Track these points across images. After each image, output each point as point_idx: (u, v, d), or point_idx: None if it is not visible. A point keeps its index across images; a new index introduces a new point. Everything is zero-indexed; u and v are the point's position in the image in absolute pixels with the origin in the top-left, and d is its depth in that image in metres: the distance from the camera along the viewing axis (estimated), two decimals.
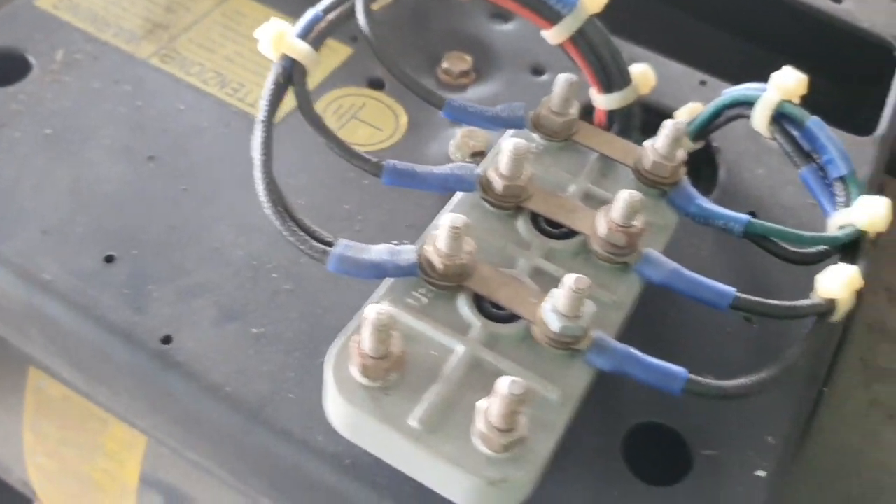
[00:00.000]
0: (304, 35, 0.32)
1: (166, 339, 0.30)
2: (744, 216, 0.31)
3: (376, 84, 0.40)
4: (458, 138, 0.37)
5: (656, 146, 0.32)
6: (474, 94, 0.41)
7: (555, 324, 0.26)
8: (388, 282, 0.28)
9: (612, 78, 0.36)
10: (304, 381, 0.30)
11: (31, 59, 0.38)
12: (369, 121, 0.38)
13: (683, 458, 0.30)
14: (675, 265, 0.29)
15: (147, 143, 0.36)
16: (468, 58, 0.41)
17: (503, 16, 0.44)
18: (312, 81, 0.39)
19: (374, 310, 0.25)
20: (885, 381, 0.36)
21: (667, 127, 0.31)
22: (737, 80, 0.36)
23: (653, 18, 0.49)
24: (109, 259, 0.32)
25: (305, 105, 0.31)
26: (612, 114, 0.37)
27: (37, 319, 0.32)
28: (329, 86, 0.39)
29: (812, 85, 0.34)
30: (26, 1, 0.41)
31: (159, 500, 0.42)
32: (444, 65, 0.41)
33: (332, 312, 0.32)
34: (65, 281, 0.31)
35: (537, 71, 0.42)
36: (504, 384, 0.24)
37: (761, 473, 0.30)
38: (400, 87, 0.39)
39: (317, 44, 0.32)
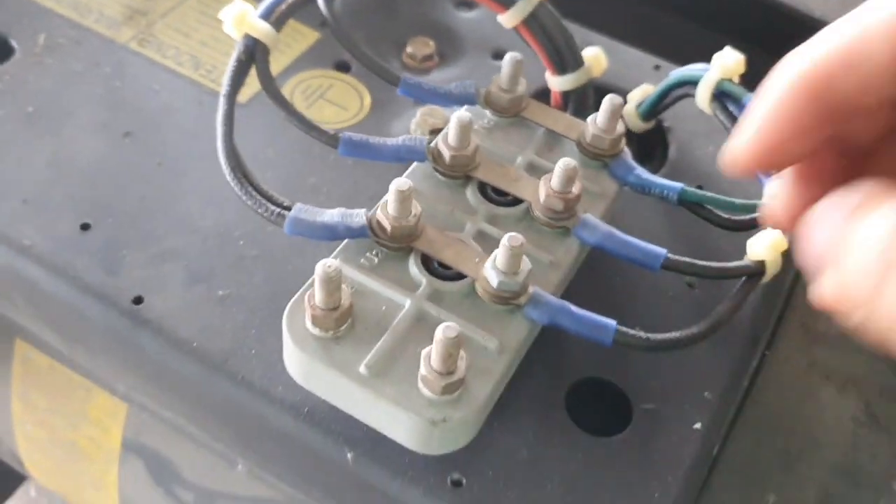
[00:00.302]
0: (266, 16, 0.34)
1: (137, 300, 0.32)
2: (678, 185, 0.33)
3: (343, 67, 0.42)
4: (419, 116, 0.39)
5: (597, 121, 0.34)
6: (438, 78, 0.43)
7: (494, 279, 0.28)
8: (343, 244, 0.30)
9: (566, 60, 0.38)
10: (266, 339, 0.32)
11: (14, 43, 0.40)
12: (335, 101, 0.40)
13: (624, 411, 0.32)
14: (609, 228, 0.31)
15: (123, 120, 0.38)
16: (431, 43, 0.43)
17: (468, 3, 0.46)
18: (282, 63, 0.41)
19: (323, 264, 0.27)
20: (823, 345, 0.37)
21: (605, 102, 0.33)
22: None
23: (614, 5, 0.51)
24: (85, 226, 0.34)
25: (266, 81, 0.34)
26: (566, 95, 0.38)
27: (19, 283, 0.34)
28: (298, 68, 0.41)
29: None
30: None
31: (141, 465, 0.44)
32: (409, 49, 0.43)
33: (295, 277, 0.33)
34: (43, 246, 0.33)
35: (499, 55, 0.44)
36: (440, 329, 0.26)
37: (697, 426, 0.32)
38: (365, 69, 0.42)
39: (278, 24, 0.34)
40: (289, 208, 0.30)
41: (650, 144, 0.42)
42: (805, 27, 0.49)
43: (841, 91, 0.21)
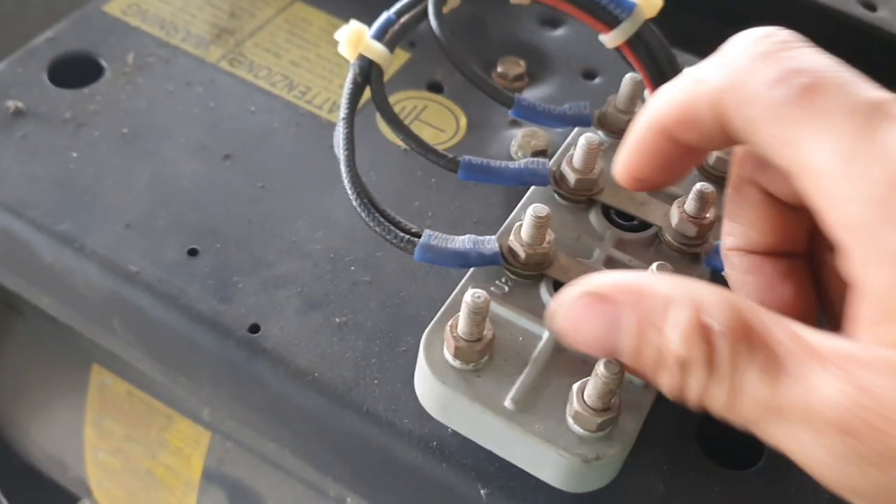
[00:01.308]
0: (379, 37, 0.33)
1: (254, 328, 0.31)
2: None
3: (435, 87, 0.41)
4: (520, 138, 0.38)
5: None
6: (528, 98, 0.42)
7: None
8: (470, 272, 0.29)
9: (668, 80, 0.37)
10: (387, 367, 0.31)
11: (103, 63, 0.40)
12: (432, 122, 0.39)
13: (755, 443, 0.31)
14: None
15: (222, 142, 0.37)
16: (522, 62, 0.43)
17: (553, 22, 0.45)
18: None
19: (472, 294, 0.26)
20: None
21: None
22: None
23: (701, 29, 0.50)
24: (193, 252, 0.33)
25: (383, 103, 0.33)
26: None
27: (121, 310, 0.33)
28: (391, 89, 0.40)
29: None
30: (95, 7, 0.42)
31: (223, 496, 0.43)
32: (500, 69, 0.42)
33: (410, 303, 0.33)
34: (151, 272, 0.32)
35: (589, 75, 0.43)
36: (601, 364, 0.25)
37: None
38: (458, 89, 0.41)
39: (391, 45, 0.33)
40: (417, 234, 0.29)
41: None
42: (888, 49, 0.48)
43: (687, 139, 0.24)
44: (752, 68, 0.22)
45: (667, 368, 0.21)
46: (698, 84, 0.23)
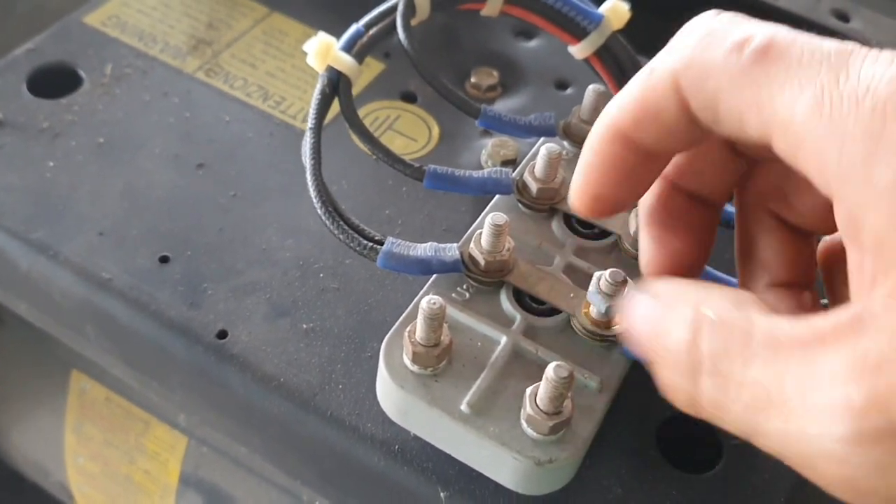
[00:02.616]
0: (347, 48, 0.34)
1: (222, 334, 0.32)
2: None
3: (409, 97, 0.42)
4: (490, 147, 0.39)
5: None
6: (501, 107, 0.42)
7: (601, 305, 0.28)
8: (432, 278, 0.30)
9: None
10: (353, 373, 0.31)
11: (82, 73, 0.40)
12: (404, 131, 0.40)
13: (714, 447, 0.32)
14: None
15: (196, 151, 0.38)
16: (495, 73, 0.43)
17: (527, 33, 0.46)
18: None
19: (427, 300, 0.26)
20: None
21: None
22: None
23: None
24: (164, 259, 0.34)
25: (350, 114, 0.33)
26: None
27: (94, 316, 0.34)
28: (365, 99, 0.41)
29: None
30: (75, 18, 0.43)
31: (200, 500, 0.43)
32: (473, 79, 0.43)
33: (377, 309, 0.33)
34: (123, 279, 0.33)
35: (561, 85, 0.44)
36: (551, 369, 0.25)
37: None
38: (431, 99, 0.42)
39: (359, 57, 0.34)
40: (381, 242, 0.30)
41: None
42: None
43: (647, 139, 0.23)
44: (704, 44, 0.21)
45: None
46: (651, 74, 0.22)
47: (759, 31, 0.20)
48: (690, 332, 0.20)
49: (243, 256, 0.34)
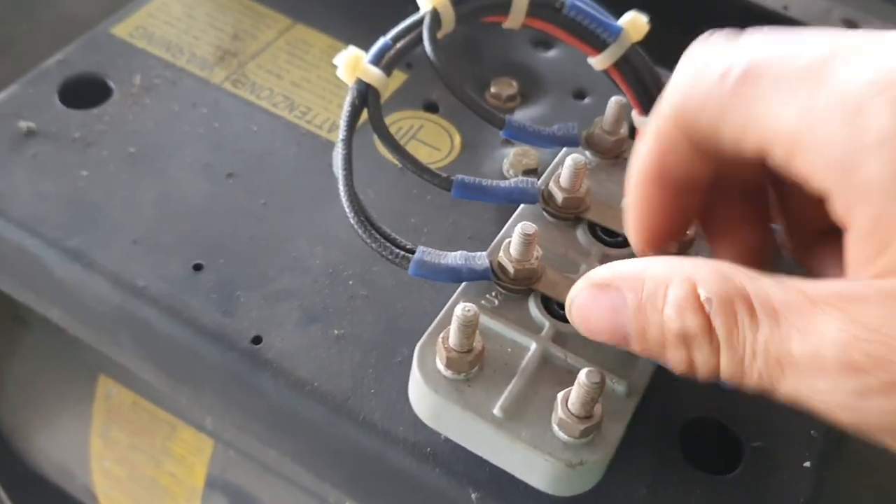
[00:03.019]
0: (376, 61, 0.35)
1: (256, 340, 0.33)
2: None
3: (431, 107, 0.43)
4: (512, 156, 0.40)
5: None
6: (521, 117, 0.43)
7: None
8: (462, 286, 0.31)
9: (654, 101, 0.39)
10: (383, 378, 0.32)
11: (111, 84, 0.41)
12: (427, 141, 0.41)
13: (735, 449, 0.32)
14: None
15: (225, 161, 0.38)
16: (514, 83, 0.44)
17: (545, 44, 0.47)
18: None
19: (462, 308, 0.27)
20: None
21: None
22: None
23: None
24: (198, 267, 0.35)
25: (379, 125, 0.34)
26: None
27: (128, 323, 0.34)
28: (388, 109, 0.42)
29: None
30: (103, 29, 0.44)
31: (224, 503, 0.44)
32: (493, 89, 0.44)
33: (405, 316, 0.34)
34: (157, 286, 0.34)
35: (579, 94, 0.45)
36: (583, 374, 0.26)
37: (807, 465, 0.32)
38: (454, 109, 0.43)
39: (388, 69, 0.35)
40: (412, 251, 0.31)
41: None
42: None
43: (675, 176, 0.25)
44: (693, 81, 0.23)
45: (671, 345, 0.22)
46: (657, 119, 0.25)
47: (740, 57, 0.22)
48: (681, 309, 0.22)
49: (275, 264, 0.35)
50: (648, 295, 0.23)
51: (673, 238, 0.28)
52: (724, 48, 0.23)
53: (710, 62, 0.23)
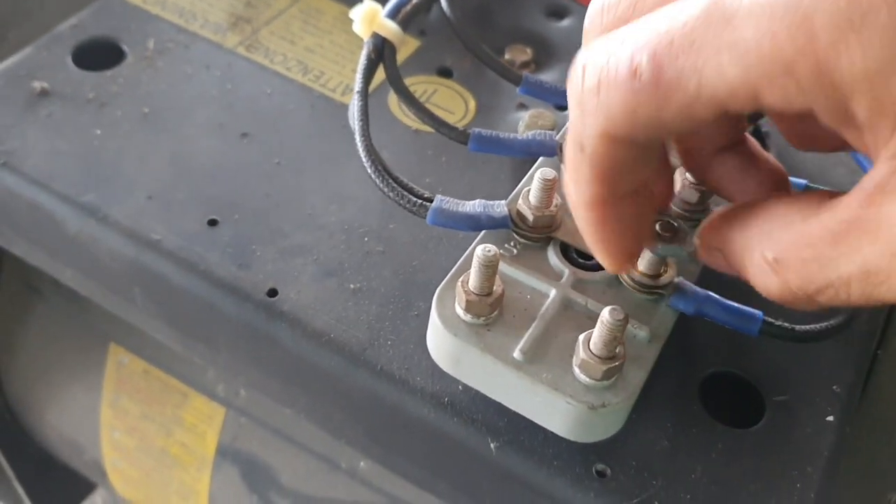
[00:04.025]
0: (392, 16, 0.35)
1: (272, 293, 0.32)
2: None
3: (445, 72, 0.43)
4: (527, 118, 0.40)
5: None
6: None
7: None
8: (480, 235, 0.31)
9: None
10: (400, 330, 0.32)
11: (125, 48, 0.41)
12: (442, 105, 0.41)
13: (756, 404, 0.32)
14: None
15: (239, 121, 0.38)
16: (528, 50, 0.44)
17: (558, 13, 0.47)
18: None
19: (483, 248, 0.27)
20: None
21: None
22: None
23: None
24: (212, 222, 0.34)
25: (395, 79, 0.34)
26: None
27: (143, 277, 0.34)
28: (403, 74, 0.41)
29: None
30: None
31: (236, 471, 0.44)
32: (507, 56, 0.44)
33: (421, 271, 0.34)
34: (172, 241, 0.34)
35: None
36: (606, 312, 0.26)
37: (830, 419, 0.32)
38: (467, 74, 0.43)
39: (404, 24, 0.35)
40: (430, 199, 0.31)
41: None
42: None
43: (627, 180, 0.23)
44: (608, 90, 0.21)
45: None
46: (585, 142, 0.23)
47: (636, 52, 0.20)
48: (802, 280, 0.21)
49: (290, 220, 0.35)
50: None
51: (646, 240, 0.27)
52: (606, 48, 0.21)
53: (608, 67, 0.21)
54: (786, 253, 0.22)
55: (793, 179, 0.33)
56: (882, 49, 0.17)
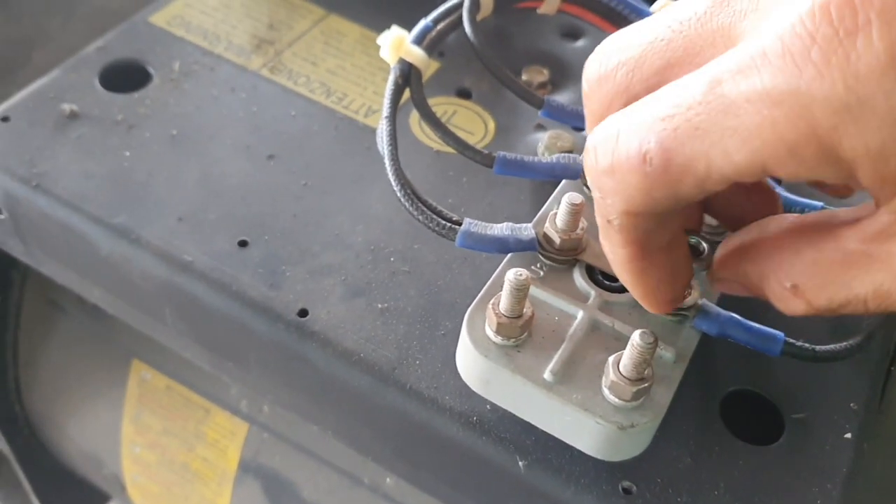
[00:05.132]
0: (418, 42, 0.36)
1: (302, 313, 0.33)
2: None
3: (464, 94, 0.43)
4: (547, 139, 0.41)
5: None
6: None
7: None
8: (507, 257, 0.31)
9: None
10: (428, 349, 0.32)
11: (151, 70, 0.42)
12: (461, 126, 0.41)
13: (775, 422, 0.33)
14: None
15: (265, 143, 0.39)
16: (545, 71, 0.45)
17: (573, 34, 0.48)
18: (408, 92, 0.43)
19: (514, 272, 0.28)
20: None
21: None
22: None
23: None
24: (243, 243, 0.35)
25: (421, 104, 0.35)
26: None
27: (174, 298, 0.35)
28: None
29: None
30: (141, 18, 0.44)
31: (258, 486, 0.44)
32: (524, 77, 0.45)
33: (447, 291, 0.34)
34: (204, 262, 0.34)
35: None
36: (636, 335, 0.26)
37: (848, 436, 0.32)
38: (486, 95, 0.43)
39: (429, 50, 0.36)
40: (458, 223, 0.31)
41: None
42: None
43: (661, 241, 0.25)
44: (621, 176, 0.22)
45: None
46: (621, 228, 0.24)
47: (643, 138, 0.21)
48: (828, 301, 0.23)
49: (318, 240, 0.35)
50: None
51: (686, 282, 0.27)
52: (616, 129, 0.22)
53: (619, 151, 0.22)
54: (802, 279, 0.23)
55: (811, 202, 0.34)
56: (881, 132, 0.18)
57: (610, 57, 0.24)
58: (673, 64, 0.23)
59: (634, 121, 0.22)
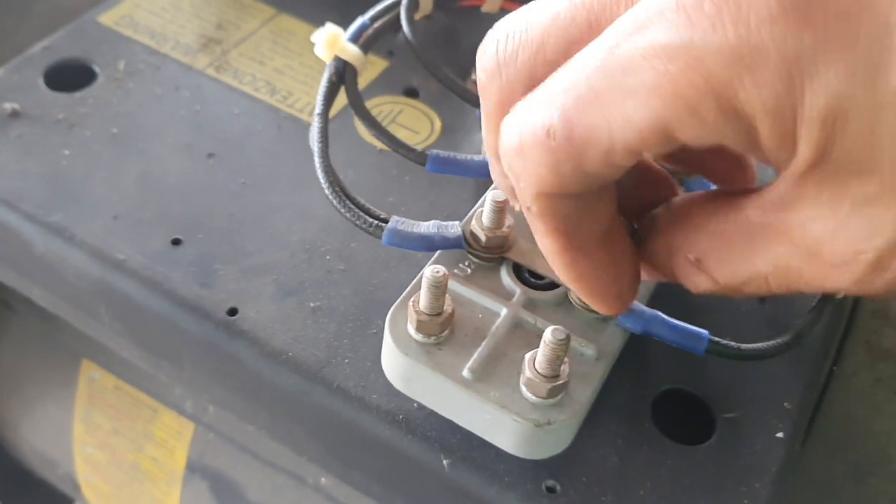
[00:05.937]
0: (354, 39, 0.35)
1: (232, 311, 0.33)
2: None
3: (412, 93, 0.43)
4: None
5: None
6: None
7: None
8: (435, 255, 0.31)
9: None
10: (358, 348, 0.32)
11: (96, 69, 0.42)
12: (407, 125, 0.41)
13: (707, 421, 0.33)
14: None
15: (206, 141, 0.39)
16: None
17: None
18: None
19: (431, 269, 0.28)
20: (888, 362, 0.38)
21: None
22: None
23: None
24: (176, 241, 0.35)
25: (356, 102, 0.35)
26: None
27: (108, 296, 0.35)
28: (370, 94, 0.42)
29: None
30: (90, 18, 0.44)
31: (205, 487, 0.44)
32: (473, 76, 0.45)
33: (382, 290, 0.34)
34: (136, 260, 0.34)
35: None
36: (549, 332, 0.26)
37: (780, 435, 0.32)
38: (433, 95, 0.43)
39: (365, 48, 0.36)
40: (386, 220, 0.31)
41: None
42: None
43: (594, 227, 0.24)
44: (527, 153, 0.22)
45: None
46: (541, 210, 0.23)
47: (547, 112, 0.21)
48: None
49: (253, 240, 0.35)
50: None
51: (635, 272, 0.26)
52: (523, 110, 0.22)
53: (525, 130, 0.21)
54: (705, 252, 0.23)
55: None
56: (775, 84, 0.18)
57: (508, 40, 0.23)
58: (577, 41, 0.22)
59: (540, 99, 0.21)
